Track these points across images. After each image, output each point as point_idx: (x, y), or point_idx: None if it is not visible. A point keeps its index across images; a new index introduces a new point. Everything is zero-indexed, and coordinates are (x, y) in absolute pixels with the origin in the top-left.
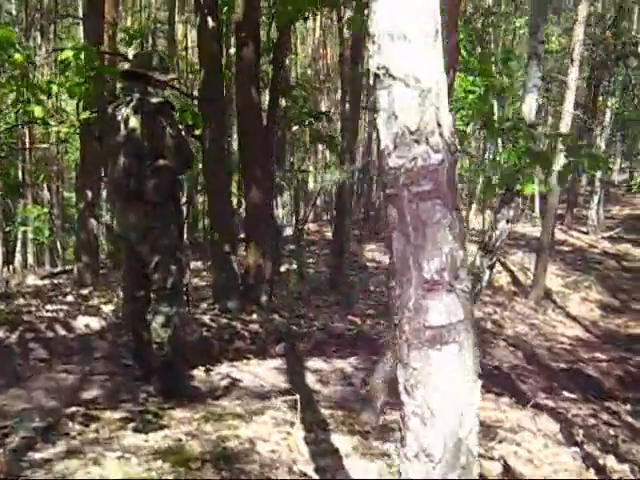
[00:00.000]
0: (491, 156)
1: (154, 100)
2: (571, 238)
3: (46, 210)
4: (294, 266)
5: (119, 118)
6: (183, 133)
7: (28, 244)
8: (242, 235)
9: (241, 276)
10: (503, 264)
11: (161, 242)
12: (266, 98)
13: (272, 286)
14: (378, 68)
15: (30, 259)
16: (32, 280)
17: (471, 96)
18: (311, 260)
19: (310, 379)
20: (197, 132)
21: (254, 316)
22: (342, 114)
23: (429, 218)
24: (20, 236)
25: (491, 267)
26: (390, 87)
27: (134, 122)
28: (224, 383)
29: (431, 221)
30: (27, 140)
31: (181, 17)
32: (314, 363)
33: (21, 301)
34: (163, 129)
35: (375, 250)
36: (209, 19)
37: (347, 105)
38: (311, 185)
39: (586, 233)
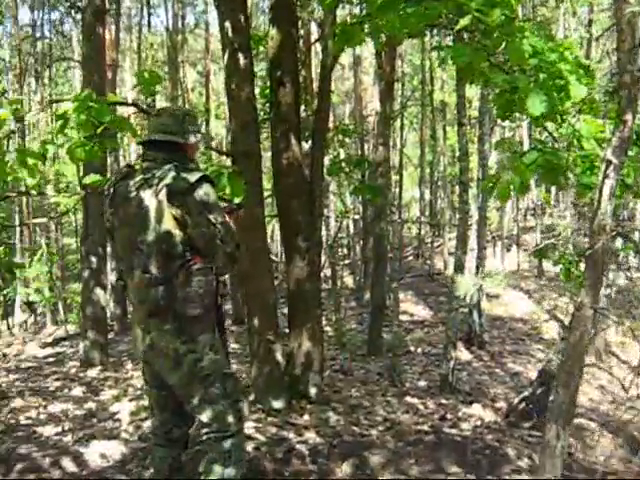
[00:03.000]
0: None
1: (190, 177)
2: None
3: (45, 269)
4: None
5: (138, 202)
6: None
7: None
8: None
9: (286, 366)
10: (549, 311)
11: (201, 371)
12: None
13: (322, 374)
14: None
15: (30, 319)
16: (32, 349)
17: None
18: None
19: None
20: (237, 200)
21: (305, 417)
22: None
23: None
24: (18, 298)
25: None
26: None
27: (158, 208)
28: None
29: None
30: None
31: (183, 56)
32: None
33: (18, 403)
34: (201, 215)
35: (405, 300)
36: (240, 58)
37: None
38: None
39: None
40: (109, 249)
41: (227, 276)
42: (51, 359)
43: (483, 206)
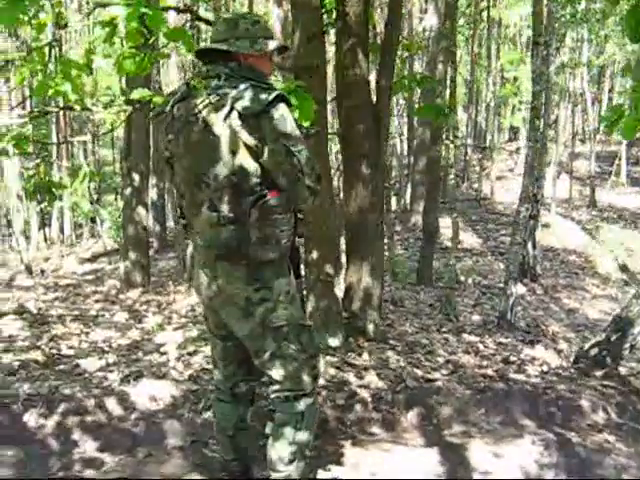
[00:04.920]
0: None
1: (263, 97)
2: None
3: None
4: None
5: (204, 128)
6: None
7: (65, 218)
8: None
9: (343, 301)
10: (603, 243)
11: (275, 322)
12: None
13: (381, 311)
14: None
15: (68, 231)
16: (71, 265)
17: None
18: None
19: None
20: (306, 123)
21: (364, 357)
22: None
23: None
24: (57, 211)
25: None
26: None
27: (228, 134)
28: None
29: None
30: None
31: None
32: (475, 454)
33: (59, 329)
34: (278, 143)
35: (449, 226)
36: None
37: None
38: None
39: None
40: (151, 165)
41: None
42: (90, 277)
43: (544, 132)
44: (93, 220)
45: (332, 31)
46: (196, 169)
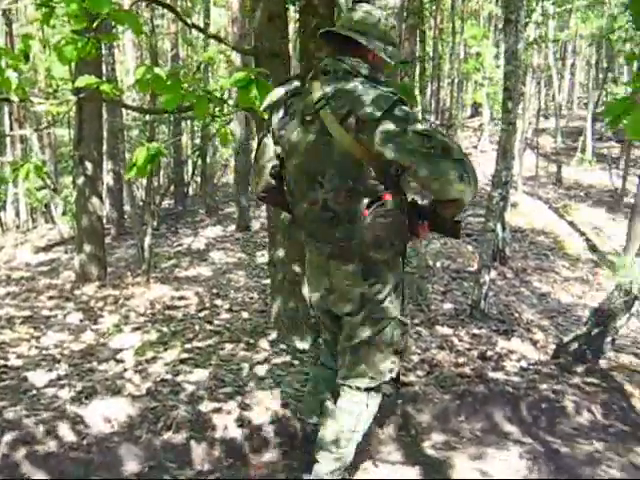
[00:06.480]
0: None
1: (381, 101)
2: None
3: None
4: None
5: (319, 127)
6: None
7: (21, 203)
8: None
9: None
10: (571, 223)
11: (379, 316)
12: None
13: None
14: None
15: (24, 216)
16: (25, 255)
17: None
18: None
19: None
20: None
21: None
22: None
23: None
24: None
25: None
26: None
27: (345, 136)
28: None
29: None
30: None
31: None
32: (460, 472)
33: (7, 335)
34: (395, 139)
35: None
36: None
37: None
38: None
39: None
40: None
41: None
42: (45, 267)
43: (514, 111)
44: (47, 206)
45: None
46: (308, 169)
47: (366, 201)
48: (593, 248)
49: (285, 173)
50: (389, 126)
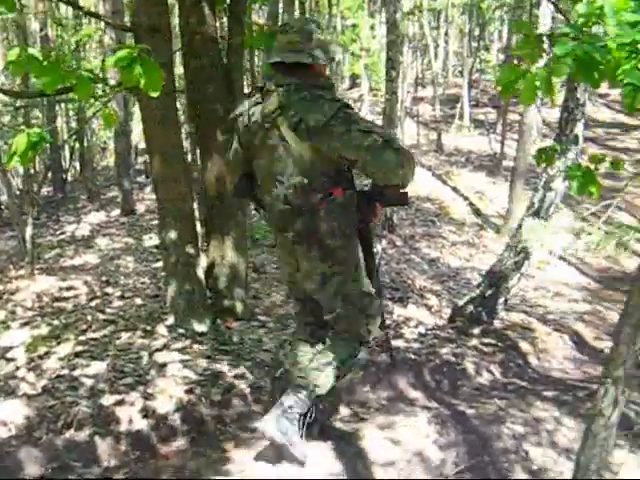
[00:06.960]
0: None
1: (327, 109)
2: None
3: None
4: None
5: (276, 135)
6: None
7: None
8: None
9: (207, 281)
10: (454, 189)
11: (344, 291)
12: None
13: (247, 286)
14: None
15: None
16: None
17: None
18: None
19: None
20: (154, 94)
21: (235, 339)
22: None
23: None
24: None
25: None
26: None
27: (296, 142)
28: None
29: None
30: None
31: None
32: (371, 443)
33: None
34: (341, 138)
35: None
36: None
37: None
38: None
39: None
40: None
41: None
42: None
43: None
44: None
45: None
46: (270, 169)
47: (319, 196)
48: (477, 212)
49: (254, 172)
50: (335, 129)
